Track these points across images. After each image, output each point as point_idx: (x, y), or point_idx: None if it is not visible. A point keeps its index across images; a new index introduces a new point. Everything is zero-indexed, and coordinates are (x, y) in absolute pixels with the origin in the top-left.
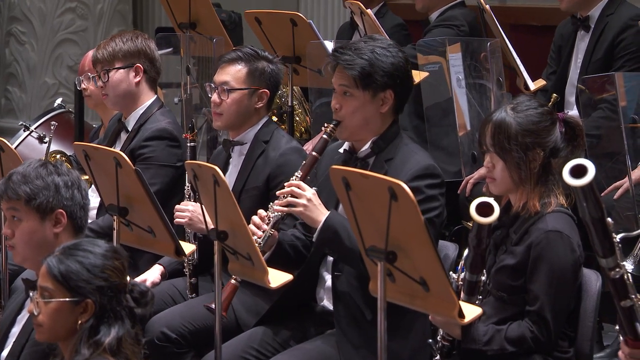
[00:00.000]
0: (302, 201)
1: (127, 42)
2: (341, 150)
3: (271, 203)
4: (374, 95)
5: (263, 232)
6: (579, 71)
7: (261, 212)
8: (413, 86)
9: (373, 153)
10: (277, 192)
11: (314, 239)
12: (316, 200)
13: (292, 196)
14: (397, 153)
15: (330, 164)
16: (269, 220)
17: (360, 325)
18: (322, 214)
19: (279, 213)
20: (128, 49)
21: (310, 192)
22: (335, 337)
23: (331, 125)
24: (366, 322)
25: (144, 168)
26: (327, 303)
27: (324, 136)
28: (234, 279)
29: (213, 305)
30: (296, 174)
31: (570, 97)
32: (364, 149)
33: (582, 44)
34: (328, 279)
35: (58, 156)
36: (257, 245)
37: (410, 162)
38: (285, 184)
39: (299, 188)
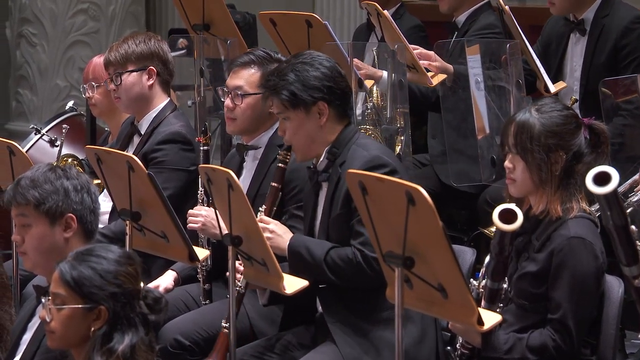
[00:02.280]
0: (266, 234)
1: (140, 44)
2: (310, 165)
3: None
4: (307, 111)
5: (240, 273)
6: (579, 75)
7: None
8: (349, 88)
9: (330, 162)
10: None
11: (288, 268)
12: (279, 229)
13: None
14: (348, 154)
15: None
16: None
17: (360, 332)
18: (286, 242)
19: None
20: (141, 51)
21: (272, 224)
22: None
23: (283, 152)
24: (362, 325)
25: (157, 172)
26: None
27: (279, 165)
28: (224, 328)
29: None
30: (260, 208)
31: (567, 101)
32: (321, 160)
33: (577, 47)
34: None
35: (70, 160)
36: (237, 288)
37: (356, 160)
38: None
39: (262, 222)
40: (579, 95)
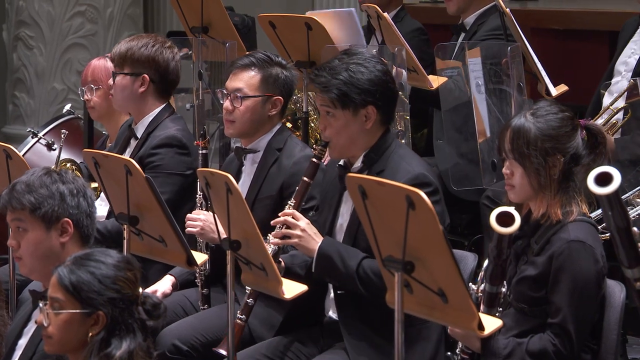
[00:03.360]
0: (297, 232)
1: (141, 48)
2: (341, 163)
3: (269, 234)
4: (355, 113)
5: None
6: (634, 63)
7: None
8: (397, 95)
9: (366, 167)
10: (272, 222)
11: (313, 270)
12: (310, 229)
13: (287, 227)
14: (388, 164)
15: (331, 176)
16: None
17: (370, 338)
18: (316, 244)
19: (275, 246)
20: (140, 56)
21: (304, 222)
22: (345, 350)
23: (319, 147)
24: (377, 334)
25: (153, 176)
26: (333, 314)
27: (313, 160)
28: (239, 320)
29: (222, 351)
30: (290, 202)
31: (613, 86)
32: (356, 165)
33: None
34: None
35: (68, 164)
36: None
37: (399, 173)
38: (280, 213)
39: (293, 217)
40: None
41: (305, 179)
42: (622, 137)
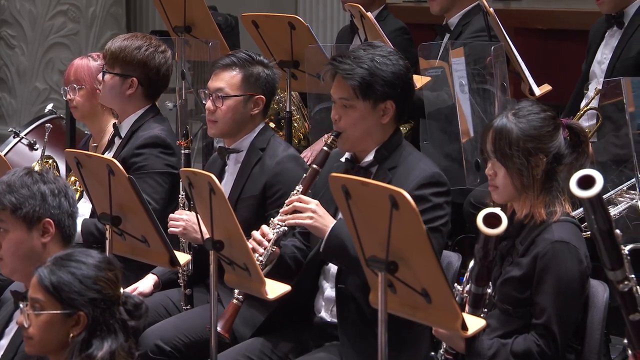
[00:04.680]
0: (308, 213)
1: (134, 50)
2: (342, 159)
3: (272, 219)
4: (375, 105)
5: (264, 249)
6: (605, 67)
7: (264, 227)
8: (414, 94)
9: (376, 162)
10: (281, 210)
11: (321, 249)
12: (321, 210)
13: (297, 211)
14: (401, 161)
15: (330, 172)
16: (272, 236)
17: (366, 338)
18: (328, 223)
19: (282, 230)
20: (131, 59)
21: (313, 203)
22: (338, 349)
23: (332, 137)
24: (373, 335)
25: (137, 178)
26: (325, 314)
27: (325, 148)
28: (236, 299)
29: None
30: (297, 188)
31: (591, 90)
32: (367, 159)
33: (612, 40)
34: (327, 288)
35: (50, 161)
36: (258, 262)
37: (416, 170)
38: (287, 200)
39: (300, 202)
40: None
41: (314, 166)
42: (598, 141)
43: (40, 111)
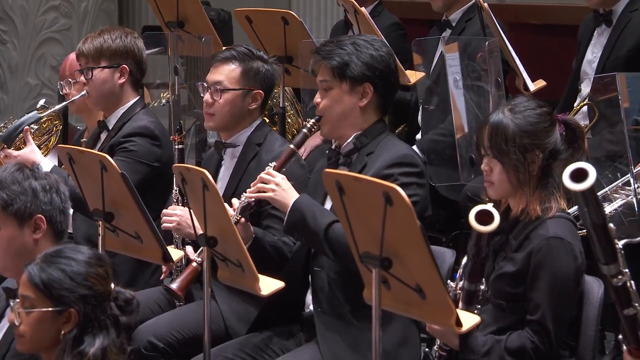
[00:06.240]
0: (271, 186)
1: (116, 40)
2: (332, 147)
3: (244, 192)
4: (352, 87)
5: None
6: (595, 66)
7: (233, 200)
8: (397, 84)
9: (356, 149)
10: (251, 184)
11: (284, 224)
12: (285, 184)
13: (262, 183)
14: (379, 147)
15: (319, 167)
16: (237, 205)
17: (342, 321)
18: (291, 198)
19: (247, 200)
20: (117, 47)
21: (279, 177)
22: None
23: (312, 120)
24: (348, 318)
25: (120, 160)
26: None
27: (304, 130)
28: (196, 262)
29: (173, 286)
30: (270, 164)
31: (585, 89)
32: (345, 144)
33: (601, 38)
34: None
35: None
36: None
37: (388, 152)
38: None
39: (268, 175)
40: None
41: (291, 146)
42: (592, 137)
43: (32, 107)
